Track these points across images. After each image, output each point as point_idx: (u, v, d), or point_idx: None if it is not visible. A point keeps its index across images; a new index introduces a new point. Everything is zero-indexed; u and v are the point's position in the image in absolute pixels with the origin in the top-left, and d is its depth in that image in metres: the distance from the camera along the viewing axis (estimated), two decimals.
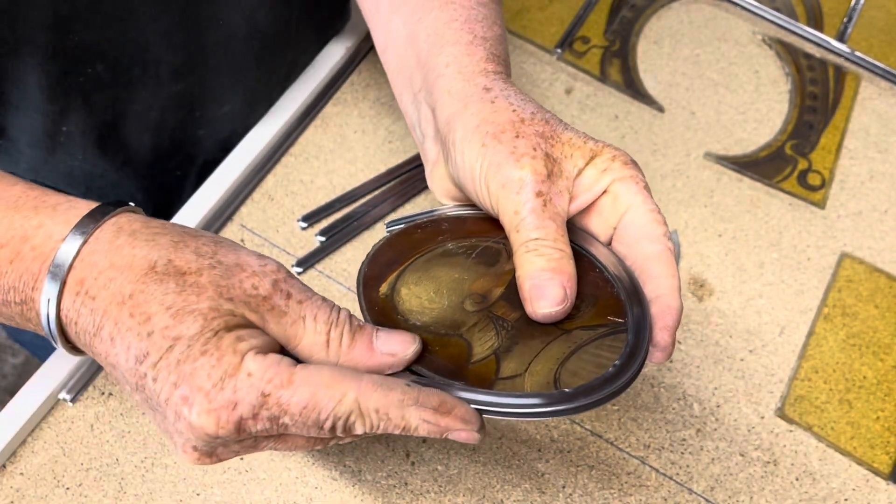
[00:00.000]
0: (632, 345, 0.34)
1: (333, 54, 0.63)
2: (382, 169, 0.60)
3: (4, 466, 0.47)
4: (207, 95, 0.55)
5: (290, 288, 0.34)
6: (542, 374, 0.34)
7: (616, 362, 0.34)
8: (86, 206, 0.35)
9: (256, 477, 0.48)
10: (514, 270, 0.37)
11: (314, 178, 0.59)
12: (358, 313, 0.37)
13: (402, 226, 0.41)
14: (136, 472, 0.48)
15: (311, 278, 0.55)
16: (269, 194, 0.58)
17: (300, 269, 0.55)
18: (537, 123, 0.39)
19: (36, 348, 0.77)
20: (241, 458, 0.49)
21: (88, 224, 0.33)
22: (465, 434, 0.33)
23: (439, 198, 0.44)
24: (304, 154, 0.60)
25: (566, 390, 0.33)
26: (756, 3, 0.72)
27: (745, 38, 0.71)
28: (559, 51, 0.68)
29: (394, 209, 0.58)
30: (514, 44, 0.68)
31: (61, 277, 0.32)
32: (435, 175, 0.44)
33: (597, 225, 0.40)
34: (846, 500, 0.51)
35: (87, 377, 0.50)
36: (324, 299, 0.35)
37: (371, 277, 0.39)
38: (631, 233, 0.38)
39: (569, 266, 0.36)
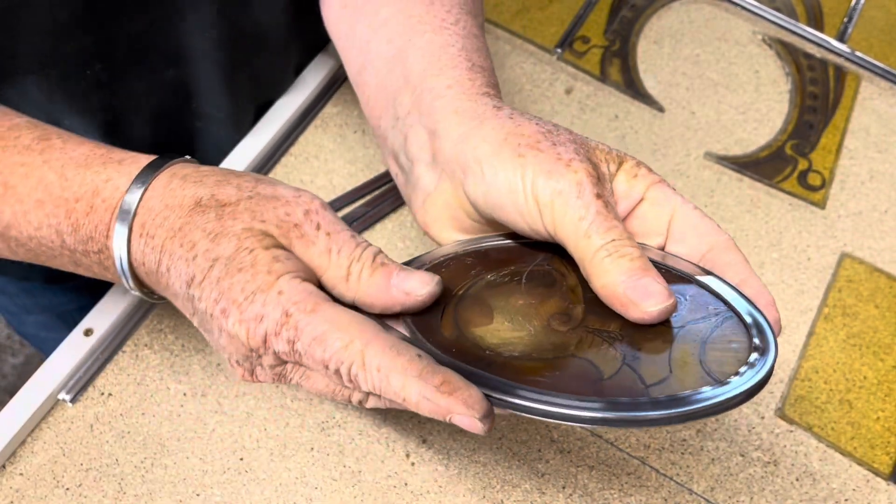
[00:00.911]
0: (754, 323, 0.33)
1: (334, 54, 0.63)
2: (382, 169, 0.60)
3: (4, 467, 0.47)
4: (203, 86, 0.55)
5: (321, 219, 0.35)
6: (689, 372, 0.32)
7: (755, 342, 0.32)
8: (146, 158, 0.37)
9: (256, 477, 0.48)
10: (580, 285, 0.35)
11: (314, 178, 0.59)
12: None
13: (418, 265, 0.38)
14: (135, 472, 0.48)
15: None
16: None
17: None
18: (564, 133, 0.38)
19: (39, 341, 0.77)
20: (241, 459, 0.49)
21: (148, 174, 0.36)
22: (467, 420, 0.31)
23: (436, 231, 0.41)
24: (304, 154, 0.60)
25: (720, 383, 0.30)
26: (756, 3, 0.72)
27: (746, 37, 0.71)
28: (559, 51, 0.68)
29: (394, 209, 0.58)
30: (513, 44, 0.68)
31: (128, 223, 0.35)
32: (433, 205, 0.40)
33: (642, 233, 0.38)
34: (846, 500, 0.51)
35: (87, 377, 0.50)
36: (354, 235, 0.35)
37: (421, 323, 0.35)
38: (689, 232, 0.37)
39: (650, 263, 0.35)
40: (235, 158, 0.58)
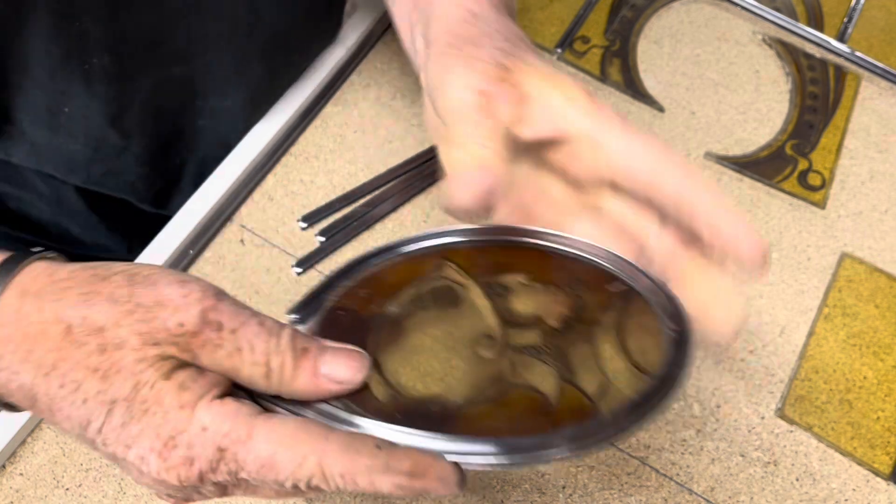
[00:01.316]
0: (667, 298, 0.31)
1: (334, 54, 0.63)
2: (382, 169, 0.60)
3: (4, 467, 0.47)
4: (209, 85, 0.55)
5: (220, 316, 0.30)
6: (622, 371, 0.30)
7: (671, 326, 0.30)
8: None
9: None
10: (482, 293, 0.33)
11: (314, 178, 0.59)
12: None
13: (316, 317, 0.33)
14: None
15: (312, 279, 0.55)
16: (269, 194, 0.58)
17: (300, 270, 0.55)
18: (502, 42, 0.36)
19: None
20: None
21: None
22: (443, 491, 0.29)
23: (432, 135, 0.39)
24: (304, 154, 0.60)
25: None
26: (756, 3, 0.72)
27: (746, 38, 0.71)
28: (559, 51, 0.68)
29: (394, 209, 0.58)
30: None
31: None
32: (425, 109, 0.39)
33: (579, 171, 0.35)
34: (846, 500, 0.51)
35: None
36: (261, 322, 0.30)
37: (349, 394, 0.31)
38: (642, 178, 0.33)
39: (498, 166, 0.32)
40: (236, 158, 0.58)
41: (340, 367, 0.30)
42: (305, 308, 0.33)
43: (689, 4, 0.73)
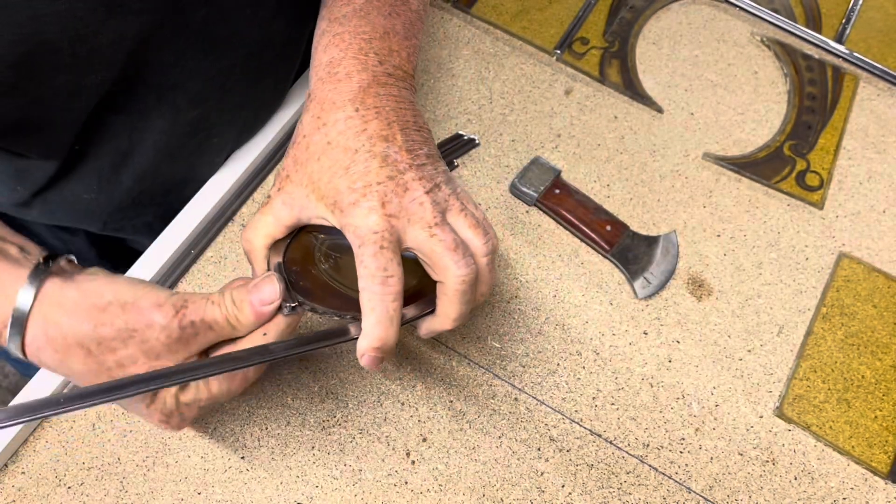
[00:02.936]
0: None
1: None
2: None
3: (7, 465, 0.48)
4: (224, 119, 0.55)
5: (189, 317, 0.40)
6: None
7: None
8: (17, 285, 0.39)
9: (257, 476, 0.48)
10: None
11: None
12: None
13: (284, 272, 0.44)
14: (137, 470, 0.48)
15: None
16: (270, 194, 0.58)
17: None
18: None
19: (26, 368, 0.77)
20: (242, 458, 0.49)
21: (22, 312, 0.38)
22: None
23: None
24: None
25: None
26: (755, 5, 0.73)
27: (744, 39, 0.72)
28: (559, 52, 0.68)
29: None
30: (513, 45, 0.68)
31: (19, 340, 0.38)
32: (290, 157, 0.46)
33: None
34: (844, 499, 0.51)
35: None
36: (212, 301, 0.40)
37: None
38: None
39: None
40: (237, 161, 0.58)
41: (265, 291, 0.41)
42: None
43: (687, 6, 0.73)
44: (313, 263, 0.45)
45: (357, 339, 0.40)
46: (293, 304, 0.41)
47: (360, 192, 0.40)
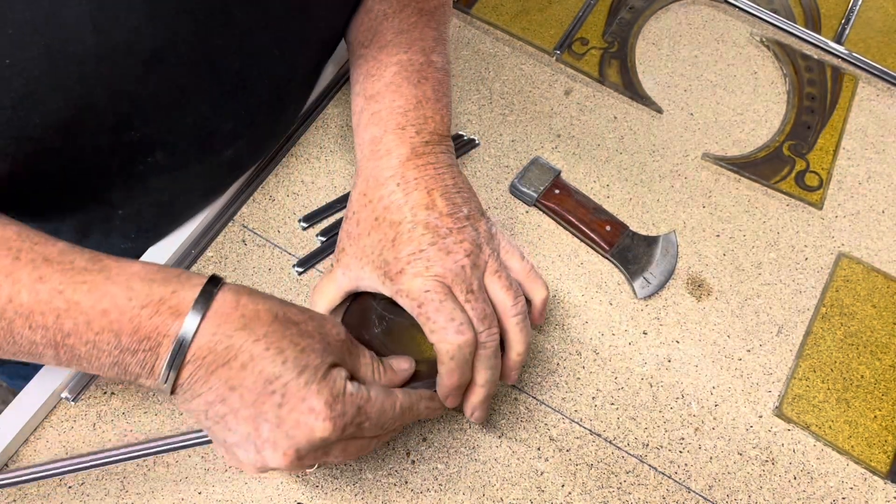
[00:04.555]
0: None
1: (334, 55, 0.63)
2: None
3: (7, 465, 0.48)
4: (251, 149, 0.55)
5: (349, 336, 0.44)
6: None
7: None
8: (200, 278, 0.41)
9: (258, 475, 0.49)
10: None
11: (315, 179, 0.59)
12: None
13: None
14: (137, 470, 0.48)
15: (312, 278, 0.55)
16: (271, 195, 0.58)
17: (301, 269, 0.55)
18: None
19: (13, 375, 0.75)
20: None
21: (210, 290, 0.40)
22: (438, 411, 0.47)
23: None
24: (305, 154, 0.61)
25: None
26: (754, 5, 0.73)
27: (744, 39, 0.72)
28: (558, 52, 0.68)
29: None
30: (513, 45, 0.69)
31: (200, 315, 0.39)
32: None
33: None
34: (844, 498, 0.51)
35: (89, 377, 0.50)
36: (371, 354, 0.46)
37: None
38: None
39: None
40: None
41: (403, 366, 0.46)
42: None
43: (687, 6, 0.73)
44: (367, 327, 0.49)
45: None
46: None
47: (405, 260, 0.45)
